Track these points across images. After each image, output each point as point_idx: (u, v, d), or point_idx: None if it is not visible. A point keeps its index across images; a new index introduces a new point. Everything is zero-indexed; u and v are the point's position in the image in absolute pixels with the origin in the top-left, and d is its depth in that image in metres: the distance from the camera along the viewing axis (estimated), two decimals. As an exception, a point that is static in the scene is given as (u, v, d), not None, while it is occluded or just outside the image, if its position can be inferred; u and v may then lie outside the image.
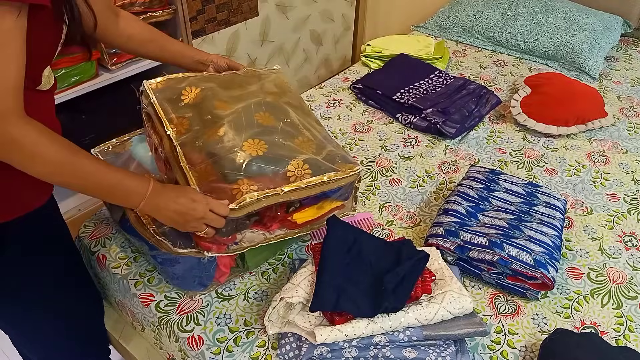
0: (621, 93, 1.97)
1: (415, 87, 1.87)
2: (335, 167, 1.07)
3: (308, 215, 1.11)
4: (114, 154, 1.25)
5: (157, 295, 1.17)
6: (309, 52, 2.61)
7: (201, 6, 1.90)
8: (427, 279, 1.03)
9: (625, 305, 1.15)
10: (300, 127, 1.12)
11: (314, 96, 1.93)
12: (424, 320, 0.97)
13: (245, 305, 1.13)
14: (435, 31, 2.43)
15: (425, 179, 1.52)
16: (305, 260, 1.11)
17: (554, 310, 1.13)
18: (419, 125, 1.72)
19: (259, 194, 0.97)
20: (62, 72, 1.62)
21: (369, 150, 1.64)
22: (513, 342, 1.06)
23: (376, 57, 2.15)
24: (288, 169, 1.02)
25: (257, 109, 1.11)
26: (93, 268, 1.31)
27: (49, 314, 1.12)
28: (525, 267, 1.11)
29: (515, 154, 1.64)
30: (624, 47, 2.32)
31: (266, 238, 1.09)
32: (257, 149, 1.02)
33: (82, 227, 1.35)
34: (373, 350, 0.96)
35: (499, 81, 2.04)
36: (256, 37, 2.24)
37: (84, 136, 1.79)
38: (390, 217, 1.38)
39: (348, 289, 0.97)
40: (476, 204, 1.29)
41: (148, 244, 1.08)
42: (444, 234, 1.20)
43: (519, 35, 2.20)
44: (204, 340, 1.07)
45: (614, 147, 1.66)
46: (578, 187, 1.50)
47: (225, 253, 1.05)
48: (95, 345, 1.33)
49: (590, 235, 1.33)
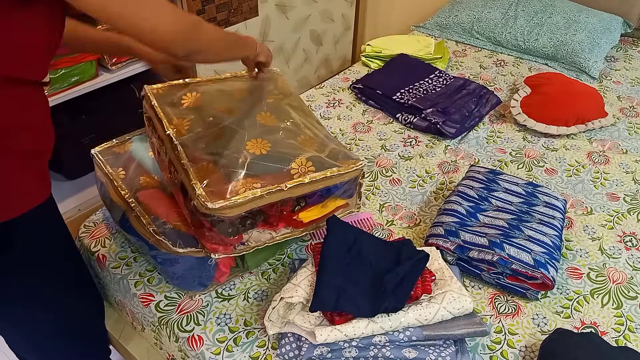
0: (621, 93, 1.97)
1: (415, 87, 1.87)
2: (338, 164, 1.07)
3: (313, 214, 1.12)
4: (114, 154, 1.26)
5: (157, 295, 1.17)
6: (309, 52, 2.61)
7: (201, 6, 1.90)
8: (427, 279, 1.03)
9: (625, 305, 1.15)
10: (302, 127, 1.13)
11: (314, 96, 1.93)
12: (424, 320, 0.97)
13: (245, 305, 1.13)
14: (435, 31, 2.43)
15: (425, 179, 1.52)
16: (305, 260, 1.11)
17: (554, 310, 1.13)
18: (419, 125, 1.72)
19: (262, 190, 0.97)
20: (62, 72, 1.62)
21: (369, 150, 1.64)
22: (513, 342, 1.06)
23: (376, 57, 2.15)
24: (292, 166, 1.02)
25: (258, 110, 1.12)
26: (93, 268, 1.31)
27: (49, 314, 1.12)
28: (525, 267, 1.11)
29: (515, 154, 1.64)
30: (624, 47, 2.32)
31: (272, 237, 1.09)
32: (261, 147, 1.03)
33: (82, 227, 1.35)
34: (373, 350, 0.96)
35: (499, 81, 2.04)
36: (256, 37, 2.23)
37: (84, 136, 1.79)
38: (390, 217, 1.38)
39: (348, 289, 0.97)
40: (476, 204, 1.29)
41: (148, 244, 1.08)
42: (444, 234, 1.20)
43: (519, 35, 2.20)
44: (204, 340, 1.07)
45: (614, 147, 1.66)
46: (578, 187, 1.50)
47: (232, 254, 1.05)
48: (95, 346, 1.33)
49: (590, 235, 1.33)
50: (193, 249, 1.05)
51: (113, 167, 1.22)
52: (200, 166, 0.99)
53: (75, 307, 1.20)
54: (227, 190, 0.96)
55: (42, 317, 1.11)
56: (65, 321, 1.17)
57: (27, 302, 1.06)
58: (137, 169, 1.21)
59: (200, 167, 0.99)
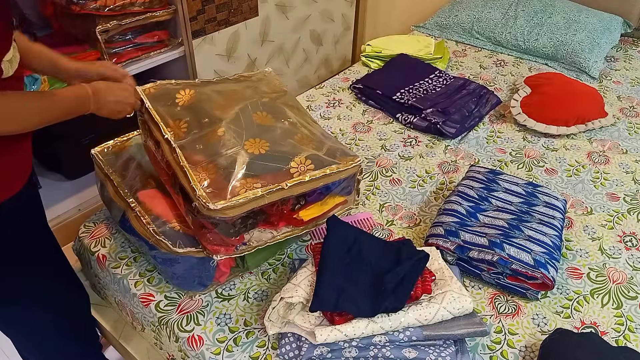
0: (621, 93, 1.97)
1: (415, 87, 1.87)
2: (336, 161, 1.07)
3: (313, 212, 1.12)
4: (114, 154, 1.26)
5: (157, 295, 1.16)
6: (309, 52, 2.61)
7: (201, 6, 1.90)
8: (427, 279, 1.03)
9: (625, 305, 1.15)
10: (298, 125, 1.13)
11: (314, 96, 1.93)
12: (424, 320, 0.97)
13: (245, 305, 1.13)
14: (435, 31, 2.43)
15: (425, 179, 1.52)
16: (305, 260, 1.12)
17: (554, 310, 1.13)
18: (419, 125, 1.72)
19: (263, 189, 0.97)
20: (62, 72, 1.62)
21: (369, 150, 1.64)
22: (513, 342, 1.06)
23: (376, 57, 2.15)
24: (291, 165, 1.02)
25: (254, 110, 1.12)
26: (93, 268, 1.31)
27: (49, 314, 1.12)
28: (525, 267, 1.11)
29: (515, 154, 1.64)
30: (624, 47, 2.32)
31: (274, 236, 1.09)
32: (259, 147, 1.03)
33: (82, 227, 1.35)
34: (373, 350, 0.96)
35: (499, 81, 2.04)
36: (256, 37, 2.24)
37: (84, 136, 1.79)
38: (390, 217, 1.38)
39: (348, 289, 0.97)
40: (476, 204, 1.29)
41: (148, 244, 1.08)
42: (444, 234, 1.20)
43: (519, 35, 2.20)
44: (204, 340, 1.07)
45: (614, 147, 1.66)
46: (578, 187, 1.50)
47: (234, 254, 1.05)
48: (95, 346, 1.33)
49: (590, 235, 1.33)
50: (193, 249, 1.05)
51: (113, 167, 1.22)
52: (199, 168, 0.99)
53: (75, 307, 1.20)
54: (228, 190, 0.96)
55: (42, 317, 1.11)
56: (65, 321, 1.18)
57: (27, 302, 1.06)
58: (137, 169, 1.21)
59: (200, 168, 0.99)
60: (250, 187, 0.97)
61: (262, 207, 1.02)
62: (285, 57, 2.47)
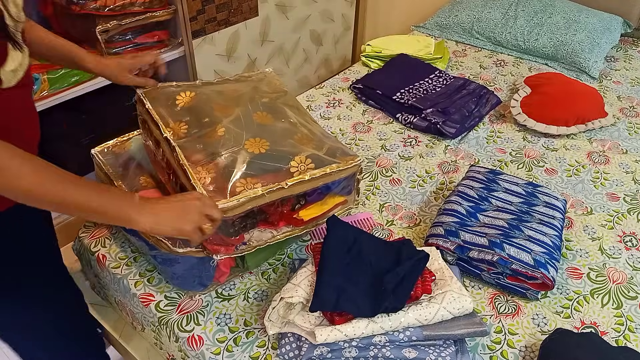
0: (621, 93, 1.97)
1: (415, 87, 1.87)
2: (337, 160, 1.08)
3: (313, 211, 1.12)
4: (114, 154, 1.26)
5: (157, 295, 1.17)
6: (309, 52, 2.61)
7: (201, 6, 1.90)
8: (427, 279, 1.03)
9: (625, 305, 1.15)
10: (298, 125, 1.13)
11: (314, 96, 1.93)
12: (424, 320, 0.97)
13: (245, 305, 1.13)
14: (435, 31, 2.43)
15: (425, 179, 1.52)
16: (305, 260, 1.12)
17: (554, 310, 1.13)
18: (419, 125, 1.72)
19: (263, 189, 0.97)
20: (62, 72, 1.62)
21: (369, 150, 1.64)
22: (513, 342, 1.06)
23: (376, 57, 2.15)
24: (291, 165, 1.02)
25: (254, 110, 1.12)
26: (93, 268, 1.31)
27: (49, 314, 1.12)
28: (525, 267, 1.11)
29: (515, 154, 1.64)
30: (624, 47, 2.32)
31: (274, 236, 1.09)
32: (260, 147, 1.03)
33: (82, 227, 1.35)
34: (373, 350, 0.96)
35: (499, 81, 2.04)
36: (256, 37, 2.24)
37: (84, 136, 1.79)
38: (390, 217, 1.38)
39: (348, 289, 0.97)
40: (476, 204, 1.29)
41: (148, 244, 1.08)
42: (444, 234, 1.20)
43: (519, 35, 2.20)
44: (204, 340, 1.07)
45: (614, 147, 1.66)
46: (578, 187, 1.50)
47: (234, 254, 1.05)
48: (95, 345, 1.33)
49: (590, 235, 1.33)
50: (193, 249, 1.05)
51: (113, 167, 1.22)
52: (199, 167, 0.99)
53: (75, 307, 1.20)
54: (228, 189, 0.96)
55: (42, 317, 1.11)
56: (65, 321, 1.17)
57: (27, 302, 1.06)
58: (137, 169, 1.21)
59: (200, 167, 0.99)
60: (250, 186, 0.97)
61: (262, 207, 1.02)
62: (285, 57, 2.47)
